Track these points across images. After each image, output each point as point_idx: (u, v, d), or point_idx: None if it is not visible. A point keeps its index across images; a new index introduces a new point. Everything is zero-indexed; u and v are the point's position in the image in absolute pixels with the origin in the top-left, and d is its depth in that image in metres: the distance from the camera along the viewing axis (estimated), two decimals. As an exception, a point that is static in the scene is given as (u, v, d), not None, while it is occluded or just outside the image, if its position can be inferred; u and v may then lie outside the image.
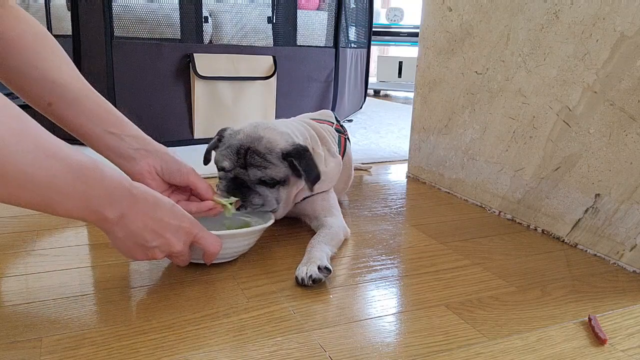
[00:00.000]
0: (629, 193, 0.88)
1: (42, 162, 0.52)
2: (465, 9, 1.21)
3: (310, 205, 0.99)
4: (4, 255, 0.85)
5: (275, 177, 0.87)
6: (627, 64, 0.86)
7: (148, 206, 0.64)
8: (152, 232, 0.65)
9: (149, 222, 0.65)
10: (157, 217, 0.65)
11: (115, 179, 0.61)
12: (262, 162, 0.86)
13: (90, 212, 0.59)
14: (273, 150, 0.87)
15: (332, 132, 1.08)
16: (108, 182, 0.60)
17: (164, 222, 0.66)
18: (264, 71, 1.91)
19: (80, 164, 0.57)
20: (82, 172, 0.57)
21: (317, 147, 0.98)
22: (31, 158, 0.51)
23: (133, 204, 0.62)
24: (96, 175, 0.58)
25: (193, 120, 1.77)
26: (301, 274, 0.77)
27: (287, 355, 0.60)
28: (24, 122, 0.52)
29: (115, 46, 1.61)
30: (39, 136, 0.53)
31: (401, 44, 3.99)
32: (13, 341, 0.61)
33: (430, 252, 0.93)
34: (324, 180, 0.97)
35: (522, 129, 1.09)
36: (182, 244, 0.70)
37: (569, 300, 0.77)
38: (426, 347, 0.63)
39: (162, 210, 0.66)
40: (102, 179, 0.59)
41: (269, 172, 0.86)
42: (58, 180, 0.54)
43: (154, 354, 0.60)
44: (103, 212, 0.60)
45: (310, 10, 2.51)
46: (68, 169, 0.55)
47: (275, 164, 0.86)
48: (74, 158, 0.56)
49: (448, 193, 1.32)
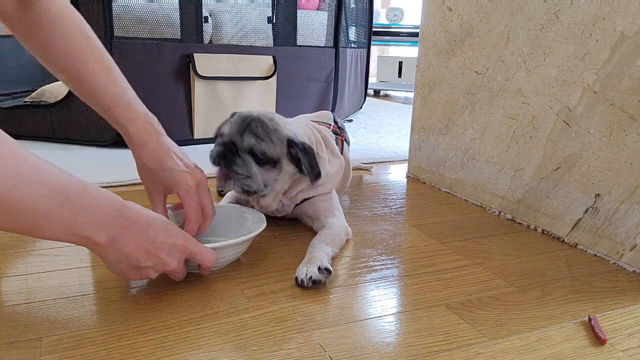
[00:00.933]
0: (629, 193, 0.88)
1: (24, 188, 0.51)
2: (465, 9, 1.21)
3: (312, 206, 0.99)
4: (4, 255, 0.85)
5: (267, 152, 0.85)
6: (627, 64, 0.86)
7: (140, 227, 0.63)
8: (145, 253, 0.64)
9: (142, 243, 0.64)
10: (150, 237, 0.64)
11: (104, 202, 0.59)
12: (262, 134, 0.85)
13: (78, 237, 0.58)
14: (278, 131, 0.86)
15: (329, 133, 1.08)
16: (95, 207, 0.58)
17: (158, 242, 0.65)
18: (264, 71, 1.91)
19: (64, 188, 0.55)
20: (67, 197, 0.55)
21: (321, 150, 0.98)
22: (11, 184, 0.50)
23: (125, 227, 0.61)
24: (82, 201, 0.57)
25: (193, 120, 1.77)
26: (301, 275, 0.77)
27: (287, 355, 0.60)
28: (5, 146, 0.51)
29: (115, 46, 1.61)
30: (22, 160, 0.52)
31: (401, 44, 3.99)
32: (13, 341, 0.61)
33: (430, 252, 0.93)
34: (327, 182, 0.97)
35: (522, 129, 1.09)
36: (177, 261, 0.69)
37: (569, 300, 0.77)
38: (426, 347, 0.63)
39: (155, 230, 0.65)
40: (88, 205, 0.58)
41: (263, 145, 0.85)
42: (40, 206, 0.53)
43: (154, 354, 0.60)
44: (92, 237, 0.59)
45: (310, 10, 2.51)
46: (50, 194, 0.54)
47: (274, 142, 0.86)
48: (59, 182, 0.55)
49: (448, 193, 1.32)
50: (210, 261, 0.73)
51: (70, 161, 1.51)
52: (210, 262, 0.73)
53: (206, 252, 0.73)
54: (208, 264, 0.74)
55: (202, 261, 0.73)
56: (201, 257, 0.72)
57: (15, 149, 0.53)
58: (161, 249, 0.66)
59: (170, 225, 0.68)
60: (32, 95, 1.93)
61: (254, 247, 0.92)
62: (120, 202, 0.62)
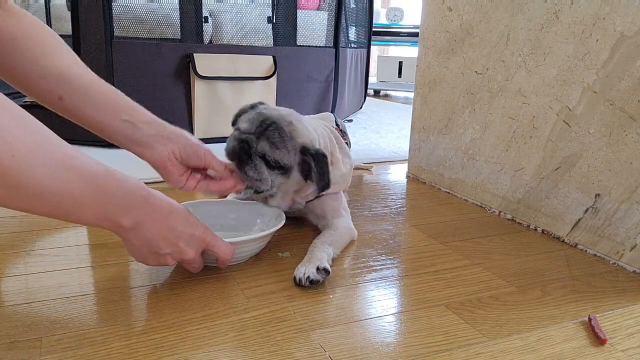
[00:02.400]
0: (629, 193, 0.88)
1: (59, 174, 0.53)
2: (465, 9, 1.21)
3: (320, 205, 0.98)
4: (4, 255, 0.85)
5: (280, 161, 0.85)
6: (627, 64, 0.86)
7: (163, 214, 0.66)
8: (165, 240, 0.67)
9: (164, 230, 0.66)
10: (172, 225, 0.67)
11: (132, 187, 0.62)
12: (277, 141, 0.85)
13: (106, 220, 0.61)
14: (294, 139, 0.86)
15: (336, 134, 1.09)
16: (125, 191, 0.61)
17: (178, 230, 0.67)
18: (264, 71, 1.91)
19: (95, 174, 0.57)
20: (98, 183, 0.58)
21: (335, 150, 0.98)
22: (48, 171, 0.52)
23: (149, 213, 0.64)
24: (112, 185, 0.59)
25: (193, 120, 1.77)
26: (299, 275, 0.77)
27: (287, 355, 0.60)
28: (37, 134, 0.52)
29: (115, 46, 1.61)
30: (54, 147, 0.54)
31: (401, 44, 3.99)
32: (13, 341, 0.61)
33: (430, 252, 0.93)
34: (339, 182, 0.97)
35: (522, 129, 1.09)
36: (194, 251, 0.71)
37: (569, 300, 0.77)
38: (426, 347, 0.63)
39: (177, 219, 0.67)
40: (118, 189, 0.60)
41: (277, 153, 0.85)
42: (75, 191, 0.55)
43: (154, 354, 0.60)
44: (119, 220, 0.61)
45: (310, 10, 2.51)
46: (84, 180, 0.56)
47: (288, 150, 0.85)
48: (89, 168, 0.57)
49: (448, 193, 1.32)
50: (227, 254, 0.75)
51: (70, 161, 1.51)
52: (227, 255, 0.75)
53: (223, 245, 0.74)
54: (225, 257, 0.75)
55: (219, 253, 0.74)
56: (218, 250, 0.73)
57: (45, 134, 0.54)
58: (181, 238, 0.68)
59: (191, 216, 0.70)
60: (32, 95, 1.93)
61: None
62: (146, 189, 0.64)
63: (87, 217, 0.59)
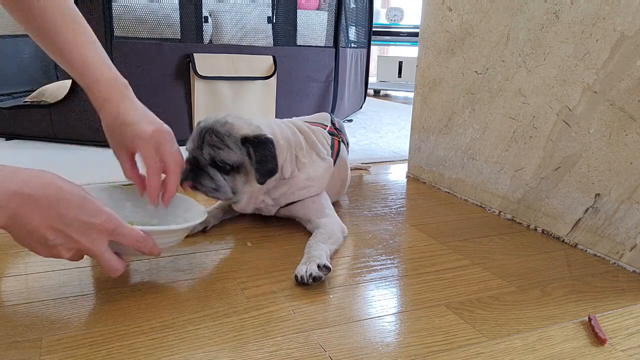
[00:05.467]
0: (629, 193, 0.88)
1: None
2: (465, 9, 1.21)
3: (302, 208, 0.99)
4: (4, 255, 0.85)
5: (227, 160, 0.86)
6: (627, 63, 0.86)
7: (48, 203, 0.59)
8: (52, 230, 0.60)
9: (48, 220, 0.59)
10: (60, 213, 0.60)
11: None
12: (217, 143, 0.86)
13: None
14: (232, 134, 0.86)
15: (324, 134, 1.08)
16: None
17: (68, 218, 0.60)
18: (264, 71, 1.91)
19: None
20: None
21: (301, 153, 0.98)
22: None
23: (24, 203, 0.58)
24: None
25: (193, 120, 1.77)
26: (301, 272, 0.77)
27: (287, 355, 0.60)
28: None
29: (115, 46, 1.61)
30: None
31: (401, 44, 3.99)
32: (13, 341, 0.61)
33: (430, 252, 0.93)
34: (310, 185, 0.97)
35: (522, 128, 1.09)
36: (92, 241, 0.63)
37: (569, 300, 0.77)
38: (426, 347, 0.63)
39: (67, 206, 0.60)
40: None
41: (221, 154, 0.85)
42: None
43: (154, 354, 0.60)
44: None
45: (310, 10, 2.51)
46: None
47: (231, 148, 0.86)
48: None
49: (448, 193, 1.32)
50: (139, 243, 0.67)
51: (70, 161, 1.51)
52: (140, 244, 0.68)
53: (132, 233, 0.66)
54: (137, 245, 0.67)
55: (126, 243, 0.66)
56: (124, 239, 0.66)
57: None
58: (72, 227, 0.61)
59: (90, 203, 0.62)
60: (32, 95, 1.93)
61: (253, 247, 0.92)
62: (18, 179, 0.58)
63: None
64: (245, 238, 0.96)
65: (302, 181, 0.96)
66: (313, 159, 1.00)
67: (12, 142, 1.72)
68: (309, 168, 0.98)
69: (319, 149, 1.02)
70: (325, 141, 1.06)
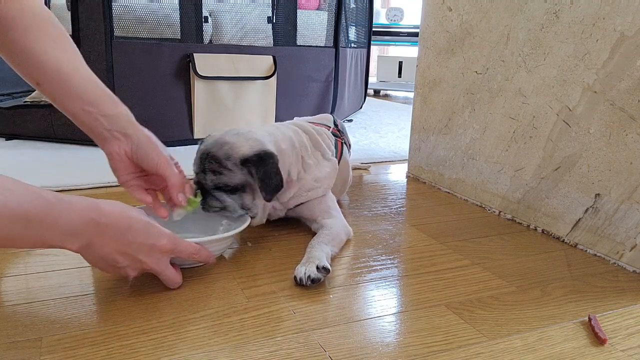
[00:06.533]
0: (629, 193, 0.88)
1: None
2: (465, 8, 1.21)
3: (308, 209, 0.98)
4: (4, 255, 0.85)
5: (229, 183, 0.86)
6: (627, 63, 0.86)
7: (119, 231, 0.65)
8: (122, 255, 0.66)
9: (119, 246, 0.66)
10: (129, 240, 0.66)
11: (74, 216, 0.61)
12: (217, 168, 0.85)
13: (49, 246, 0.61)
14: (231, 157, 0.86)
15: (328, 135, 1.08)
16: (65, 222, 0.60)
17: (136, 244, 0.67)
18: (264, 71, 1.91)
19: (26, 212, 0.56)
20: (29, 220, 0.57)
21: (306, 154, 0.97)
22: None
23: (100, 233, 0.64)
24: (50, 217, 0.59)
25: (193, 120, 1.77)
26: (299, 274, 0.77)
27: (287, 355, 0.60)
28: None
29: (115, 46, 1.61)
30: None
31: (401, 44, 3.99)
32: (13, 341, 0.61)
33: (430, 252, 0.93)
34: (318, 187, 0.97)
35: (522, 128, 1.09)
36: (157, 262, 0.70)
37: (569, 300, 0.77)
38: (426, 347, 0.63)
39: (135, 234, 0.67)
40: (58, 219, 0.59)
41: (222, 179, 0.86)
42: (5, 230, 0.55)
43: (154, 354, 0.60)
44: (63, 245, 0.62)
45: (310, 10, 2.51)
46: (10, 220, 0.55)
47: (232, 170, 0.85)
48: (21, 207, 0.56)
49: (448, 193, 1.32)
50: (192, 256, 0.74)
51: (70, 161, 1.51)
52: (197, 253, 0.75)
53: (189, 247, 0.74)
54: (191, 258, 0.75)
55: (185, 257, 0.74)
56: (182, 254, 0.73)
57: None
58: (139, 251, 0.68)
59: (152, 227, 0.69)
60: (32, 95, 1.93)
61: (254, 247, 0.92)
62: (98, 210, 0.63)
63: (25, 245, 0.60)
64: (245, 238, 0.96)
65: (309, 182, 0.96)
66: (318, 159, 1.00)
67: (12, 142, 1.72)
68: (315, 169, 0.98)
69: (323, 149, 1.02)
70: (329, 142, 1.06)
